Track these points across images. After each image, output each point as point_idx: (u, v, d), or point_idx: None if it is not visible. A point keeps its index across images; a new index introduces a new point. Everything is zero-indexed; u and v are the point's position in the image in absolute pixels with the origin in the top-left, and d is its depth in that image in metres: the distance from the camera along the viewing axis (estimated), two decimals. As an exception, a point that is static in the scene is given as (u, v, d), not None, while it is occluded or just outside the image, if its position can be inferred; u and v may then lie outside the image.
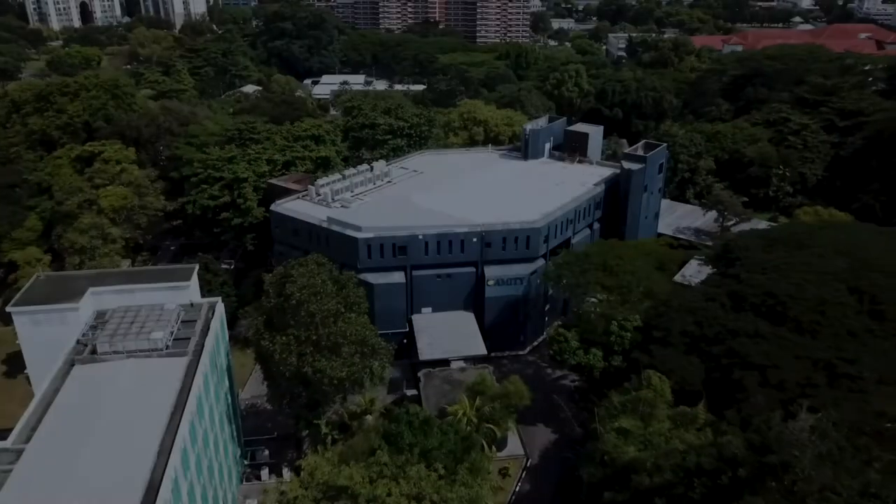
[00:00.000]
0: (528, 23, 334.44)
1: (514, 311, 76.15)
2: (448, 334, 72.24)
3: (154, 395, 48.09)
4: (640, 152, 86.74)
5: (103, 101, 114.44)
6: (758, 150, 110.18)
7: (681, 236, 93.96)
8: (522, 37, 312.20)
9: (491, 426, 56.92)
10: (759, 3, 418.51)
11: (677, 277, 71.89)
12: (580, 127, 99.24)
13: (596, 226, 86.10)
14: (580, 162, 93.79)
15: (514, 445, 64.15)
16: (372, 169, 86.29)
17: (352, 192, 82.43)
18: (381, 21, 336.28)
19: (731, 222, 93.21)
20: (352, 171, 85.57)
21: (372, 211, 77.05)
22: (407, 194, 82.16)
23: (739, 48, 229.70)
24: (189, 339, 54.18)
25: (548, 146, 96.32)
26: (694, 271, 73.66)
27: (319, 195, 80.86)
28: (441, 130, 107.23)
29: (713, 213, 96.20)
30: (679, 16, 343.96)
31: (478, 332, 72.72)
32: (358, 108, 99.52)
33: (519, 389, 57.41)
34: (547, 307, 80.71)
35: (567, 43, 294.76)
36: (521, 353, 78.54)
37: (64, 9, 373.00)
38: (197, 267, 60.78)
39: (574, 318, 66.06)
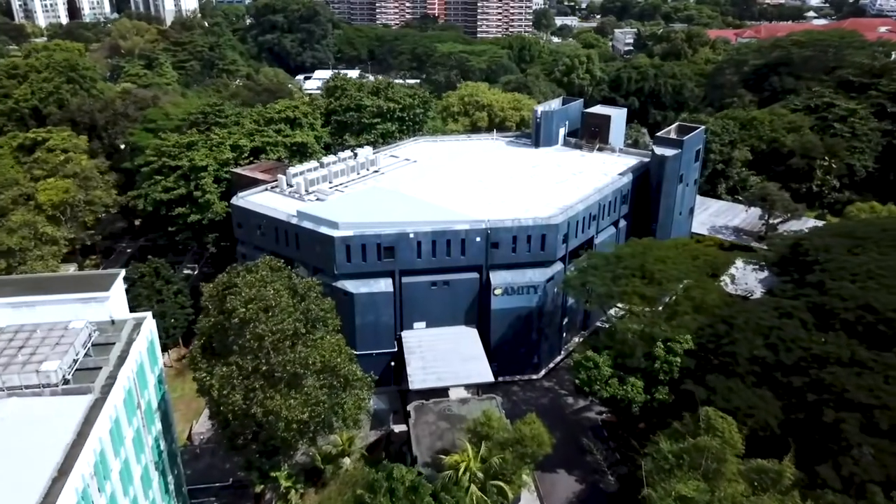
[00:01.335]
0: (530, 18, 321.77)
1: (527, 327, 62.48)
2: (445, 356, 58.60)
3: (35, 452, 34.50)
4: (674, 136, 73.26)
5: (56, 84, 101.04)
6: (799, 139, 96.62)
7: (718, 236, 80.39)
8: (525, 32, 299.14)
9: (500, 483, 43.11)
10: (768, 1, 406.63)
11: (727, 286, 58.10)
12: (600, 109, 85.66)
13: (622, 223, 72.43)
14: (600, 149, 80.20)
15: (529, 500, 50.36)
16: (356, 156, 72.76)
17: (330, 182, 68.89)
18: (377, 16, 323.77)
19: (779, 220, 79.62)
20: (331, 158, 72.04)
21: (353, 204, 63.49)
22: (397, 186, 68.59)
23: (753, 42, 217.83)
24: (99, 369, 40.75)
25: (562, 131, 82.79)
26: (747, 278, 59.95)
27: (291, 186, 67.41)
28: (439, 116, 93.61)
29: (755, 210, 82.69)
30: (687, 11, 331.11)
31: (482, 352, 59.06)
32: (341, 89, 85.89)
33: (537, 434, 43.64)
34: (565, 321, 67.01)
35: (571, 39, 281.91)
36: (534, 377, 64.80)
37: (51, 5, 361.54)
38: (121, 273, 46.98)
39: (605, 338, 52.37)
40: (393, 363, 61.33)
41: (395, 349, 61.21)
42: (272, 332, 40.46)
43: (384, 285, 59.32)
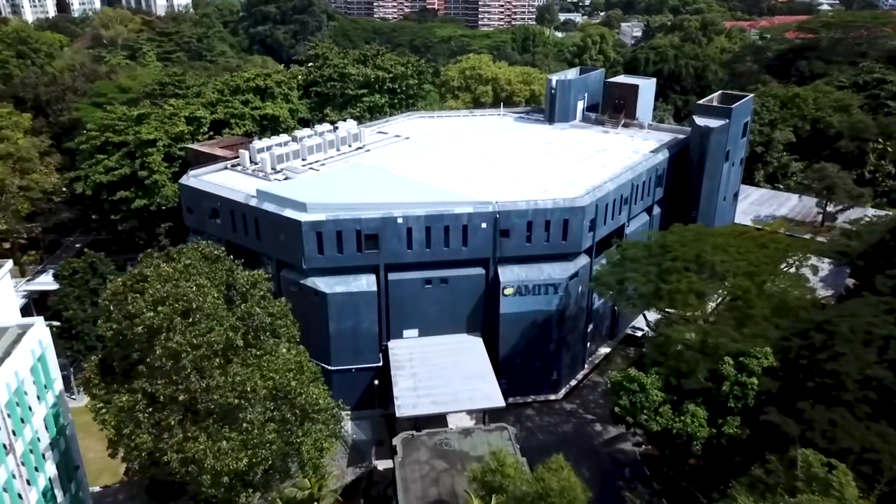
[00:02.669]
0: (533, 12, 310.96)
1: (544, 336, 50.16)
2: (443, 373, 46.38)
3: None
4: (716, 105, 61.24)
5: (4, 57, 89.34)
6: (848, 119, 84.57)
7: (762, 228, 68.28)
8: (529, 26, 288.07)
9: (519, 557, 30.83)
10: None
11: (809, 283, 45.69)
12: (625, 79, 73.66)
13: (656, 210, 60.29)
14: (626, 125, 68.10)
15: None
16: (336, 130, 60.75)
17: (304, 159, 56.86)
18: (375, 10, 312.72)
19: (838, 208, 67.56)
20: (306, 131, 60.08)
21: (328, 183, 51.47)
22: (385, 164, 56.42)
23: (774, 28, 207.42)
24: (-51, 397, 28.76)
25: (581, 105, 70.67)
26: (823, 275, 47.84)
27: (256, 163, 55.47)
28: (436, 92, 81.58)
29: (808, 199, 70.91)
30: (696, 4, 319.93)
31: (489, 368, 46.87)
32: (323, 57, 73.78)
33: (567, 487, 31.33)
34: (590, 328, 54.78)
35: (577, 32, 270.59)
36: (553, 397, 52.42)
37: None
38: (7, 265, 35.00)
39: (651, 351, 40.06)
40: (377, 381, 49.06)
41: (380, 363, 49.01)
42: (192, 345, 28.26)
43: (366, 283, 47.13)
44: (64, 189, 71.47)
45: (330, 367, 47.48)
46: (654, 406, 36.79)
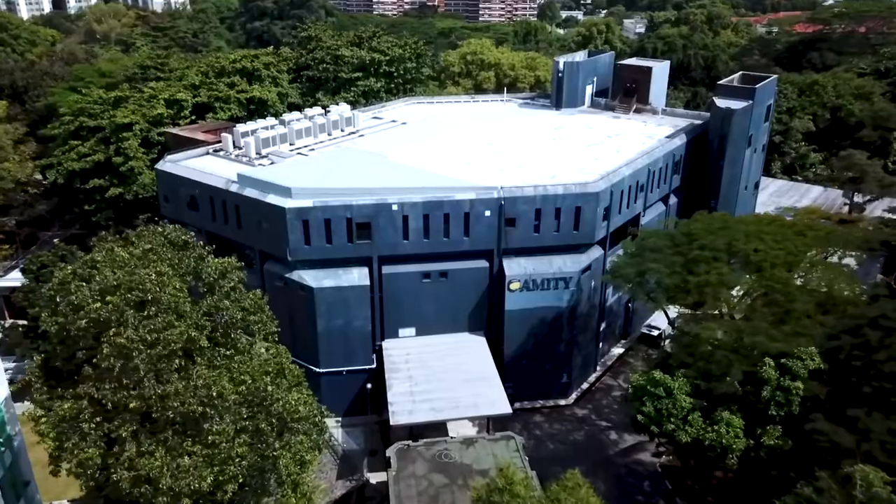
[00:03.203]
0: (535, 9, 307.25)
1: (554, 335, 45.80)
2: (443, 375, 42.02)
3: None
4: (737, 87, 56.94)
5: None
6: (870, 108, 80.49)
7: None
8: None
9: (531, 592, 26.45)
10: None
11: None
12: (637, 61, 69.37)
13: (672, 200, 56.02)
14: (638, 111, 63.81)
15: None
16: (327, 113, 56.45)
17: (292, 144, 52.54)
18: (374, 6, 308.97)
19: (867, 198, 63.27)
20: (295, 114, 55.74)
21: (316, 168, 47.18)
22: (381, 150, 52.08)
23: (775, 29, 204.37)
24: None
25: (589, 90, 66.40)
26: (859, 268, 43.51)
27: (240, 148, 51.16)
28: (435, 81, 77.23)
29: (832, 191, 66.68)
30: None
31: (493, 370, 42.52)
32: (316, 39, 69.44)
33: (588, 507, 26.99)
34: (602, 326, 50.40)
35: (580, 28, 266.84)
36: (562, 402, 48.02)
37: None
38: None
39: (677, 351, 35.62)
40: (370, 385, 44.69)
41: (374, 365, 44.67)
42: (146, 343, 23.89)
43: (357, 277, 42.78)
44: (44, 182, 67.30)
45: (318, 370, 43.25)
46: (683, 414, 32.41)
